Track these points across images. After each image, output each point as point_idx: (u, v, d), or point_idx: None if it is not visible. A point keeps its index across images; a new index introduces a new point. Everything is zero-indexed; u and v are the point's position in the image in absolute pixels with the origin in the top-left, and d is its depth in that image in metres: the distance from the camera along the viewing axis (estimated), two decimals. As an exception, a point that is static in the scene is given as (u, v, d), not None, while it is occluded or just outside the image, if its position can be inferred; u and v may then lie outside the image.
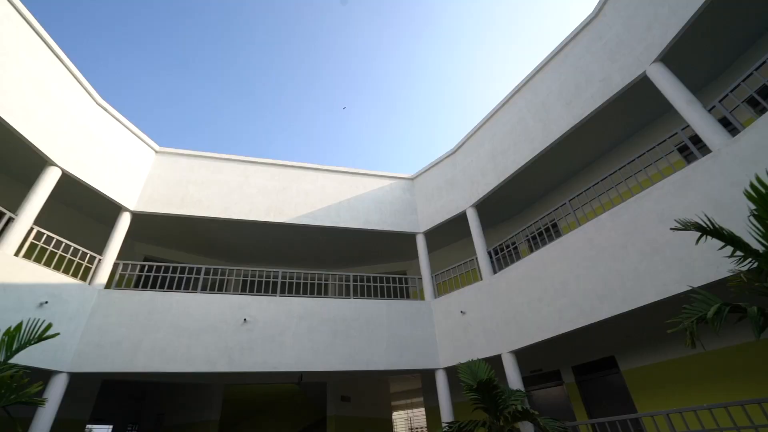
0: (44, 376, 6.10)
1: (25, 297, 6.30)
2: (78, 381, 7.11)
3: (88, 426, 11.81)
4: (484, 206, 9.35)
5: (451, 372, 8.08)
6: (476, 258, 8.82)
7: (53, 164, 7.22)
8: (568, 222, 7.72)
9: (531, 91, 8.58)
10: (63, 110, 7.55)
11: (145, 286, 8.82)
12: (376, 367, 8.06)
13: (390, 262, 12.41)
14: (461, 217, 9.54)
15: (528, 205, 10.13)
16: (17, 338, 4.67)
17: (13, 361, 4.64)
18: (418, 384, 14.15)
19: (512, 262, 8.13)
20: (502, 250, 8.76)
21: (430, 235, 10.36)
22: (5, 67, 6.51)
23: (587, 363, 8.28)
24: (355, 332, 8.35)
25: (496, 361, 7.20)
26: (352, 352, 8.10)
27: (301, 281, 9.29)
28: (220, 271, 8.98)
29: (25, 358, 5.27)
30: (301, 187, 10.24)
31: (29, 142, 6.75)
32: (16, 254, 6.42)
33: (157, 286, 8.33)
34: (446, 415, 7.76)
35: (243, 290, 9.07)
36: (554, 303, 6.79)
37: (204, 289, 8.40)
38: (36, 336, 4.70)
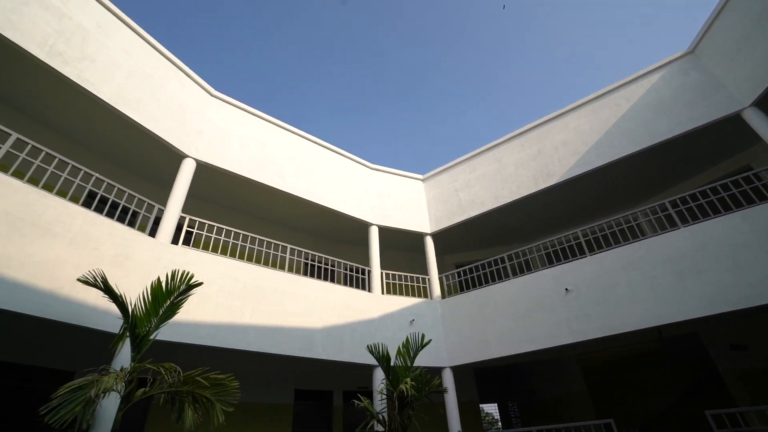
0: (436, 372, 8.00)
1: (401, 319, 8.66)
2: (458, 372, 8.85)
3: (480, 405, 14.33)
4: None
5: None
6: None
7: (373, 224, 9.95)
8: None
9: None
10: (360, 185, 10.40)
11: (467, 288, 10.14)
12: (769, 300, 5.94)
13: (718, 164, 9.18)
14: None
15: None
16: (409, 349, 6.34)
17: (415, 364, 6.31)
18: None
19: None
20: None
21: (766, 101, 7.08)
22: (319, 171, 9.53)
23: None
24: (709, 264, 6.53)
25: None
26: (716, 288, 6.32)
27: (607, 231, 8.19)
28: (520, 253, 9.26)
29: (419, 361, 7.02)
30: (555, 139, 9.41)
31: (355, 217, 9.79)
32: (383, 293, 8.98)
33: (476, 284, 9.46)
34: None
35: (550, 262, 8.97)
36: None
37: (515, 274, 8.86)
38: (420, 345, 6.27)
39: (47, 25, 5.92)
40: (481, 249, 12.43)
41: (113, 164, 8.15)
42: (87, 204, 5.93)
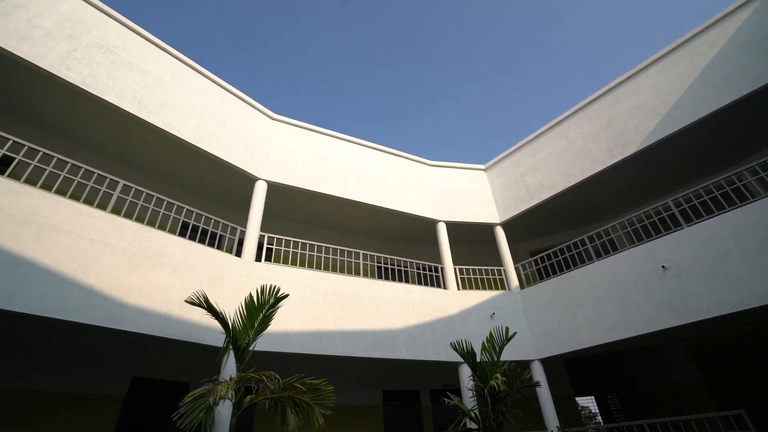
0: (524, 365, 7.67)
1: (481, 314, 8.50)
2: (547, 364, 8.40)
3: (576, 399, 13.42)
4: None
5: None
6: None
7: (440, 221, 9.98)
8: None
9: None
10: (422, 183, 10.42)
11: (546, 276, 9.58)
12: None
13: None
14: None
15: None
16: (494, 343, 6.17)
17: (501, 359, 6.12)
18: None
19: None
20: None
21: None
22: (380, 175, 9.70)
23: None
24: None
25: None
26: None
27: (706, 197, 7.08)
28: (602, 232, 8.57)
29: (506, 355, 6.77)
30: (628, 104, 8.54)
31: (421, 216, 9.80)
32: (459, 288, 8.92)
33: (556, 271, 8.93)
34: None
35: (638, 239, 8.15)
36: None
37: (599, 256, 8.22)
38: (505, 338, 6.08)
39: (133, 83, 6.78)
40: (557, 233, 11.72)
41: (194, 194, 9.04)
42: (182, 234, 6.65)
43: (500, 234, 10.07)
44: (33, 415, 6.23)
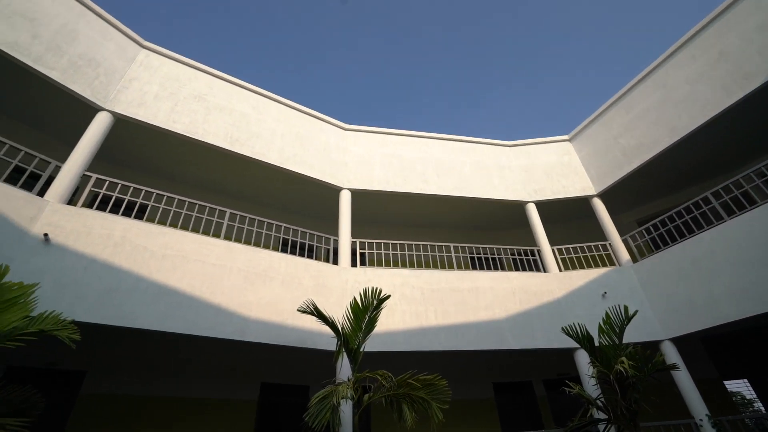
0: (651, 347, 6.85)
1: (590, 294, 7.84)
2: (680, 344, 7.39)
3: (724, 382, 11.56)
4: None
5: None
6: None
7: (528, 201, 9.44)
8: None
9: None
10: (503, 166, 9.98)
11: (663, 245, 8.40)
12: None
13: None
14: None
15: None
16: (612, 324, 5.59)
17: (623, 341, 5.53)
18: None
19: None
20: None
21: None
22: (459, 165, 9.50)
23: None
24: None
25: None
26: None
27: None
28: (731, 186, 7.24)
29: (627, 337, 6.09)
30: (744, 28, 7.06)
31: (507, 199, 9.41)
32: (560, 270, 8.40)
33: (675, 238, 7.82)
34: None
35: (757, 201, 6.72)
36: None
37: (730, 213, 6.99)
38: (625, 318, 5.49)
39: (224, 122, 7.61)
40: (668, 196, 10.26)
41: (286, 211, 9.77)
42: (282, 249, 7.26)
43: (599, 206, 9.15)
44: (185, 418, 7.25)
